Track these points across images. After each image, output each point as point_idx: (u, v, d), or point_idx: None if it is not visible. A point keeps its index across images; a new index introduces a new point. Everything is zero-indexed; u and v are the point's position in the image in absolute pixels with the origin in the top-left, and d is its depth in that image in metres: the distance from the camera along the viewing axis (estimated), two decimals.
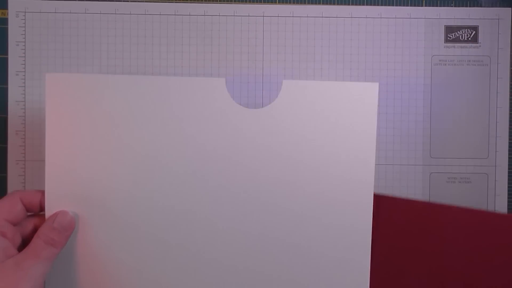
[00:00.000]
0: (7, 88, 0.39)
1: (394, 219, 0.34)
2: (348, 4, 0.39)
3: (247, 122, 0.33)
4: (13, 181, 0.39)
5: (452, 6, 0.40)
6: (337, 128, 0.33)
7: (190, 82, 0.32)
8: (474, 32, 0.39)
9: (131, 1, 0.39)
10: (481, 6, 0.40)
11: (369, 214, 0.33)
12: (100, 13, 0.39)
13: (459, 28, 0.39)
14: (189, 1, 0.39)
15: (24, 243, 0.30)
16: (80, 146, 0.32)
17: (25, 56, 0.39)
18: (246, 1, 0.39)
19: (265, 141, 0.33)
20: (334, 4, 0.39)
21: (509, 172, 0.39)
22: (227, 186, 0.33)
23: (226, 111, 0.33)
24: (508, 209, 0.39)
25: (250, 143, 0.33)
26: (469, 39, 0.39)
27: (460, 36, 0.39)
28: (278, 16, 0.39)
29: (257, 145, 0.33)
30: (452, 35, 0.39)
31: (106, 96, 0.32)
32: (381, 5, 0.39)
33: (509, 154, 0.39)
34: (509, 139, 0.39)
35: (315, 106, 0.33)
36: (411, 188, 0.39)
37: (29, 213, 0.31)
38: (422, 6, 0.39)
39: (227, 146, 0.33)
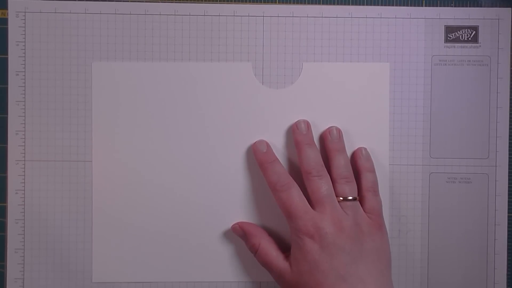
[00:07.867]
0: (7, 88, 0.39)
1: None
2: (348, 4, 0.39)
3: (273, 101, 0.39)
4: (13, 181, 0.39)
5: (452, 6, 0.40)
6: (355, 102, 0.38)
7: (219, 66, 0.38)
8: (474, 32, 0.39)
9: (131, 1, 0.39)
10: (481, 6, 0.40)
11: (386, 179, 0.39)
12: (100, 13, 0.39)
13: (459, 28, 0.39)
14: (189, 1, 0.39)
15: None
16: (121, 125, 0.38)
17: (25, 56, 0.39)
18: (246, 1, 0.39)
19: (290, 116, 0.39)
20: (334, 4, 0.39)
21: (509, 172, 0.39)
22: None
23: (253, 92, 0.39)
24: (508, 209, 0.39)
25: (276, 118, 0.39)
26: (469, 39, 0.39)
27: (460, 36, 0.39)
28: (278, 16, 0.39)
29: (283, 120, 0.39)
30: (452, 35, 0.39)
31: (145, 81, 0.38)
32: (381, 5, 0.39)
33: (509, 154, 0.39)
34: (509, 139, 0.39)
35: (334, 85, 0.39)
36: (411, 188, 0.39)
37: None
38: (422, 6, 0.39)
39: (254, 123, 0.38)
